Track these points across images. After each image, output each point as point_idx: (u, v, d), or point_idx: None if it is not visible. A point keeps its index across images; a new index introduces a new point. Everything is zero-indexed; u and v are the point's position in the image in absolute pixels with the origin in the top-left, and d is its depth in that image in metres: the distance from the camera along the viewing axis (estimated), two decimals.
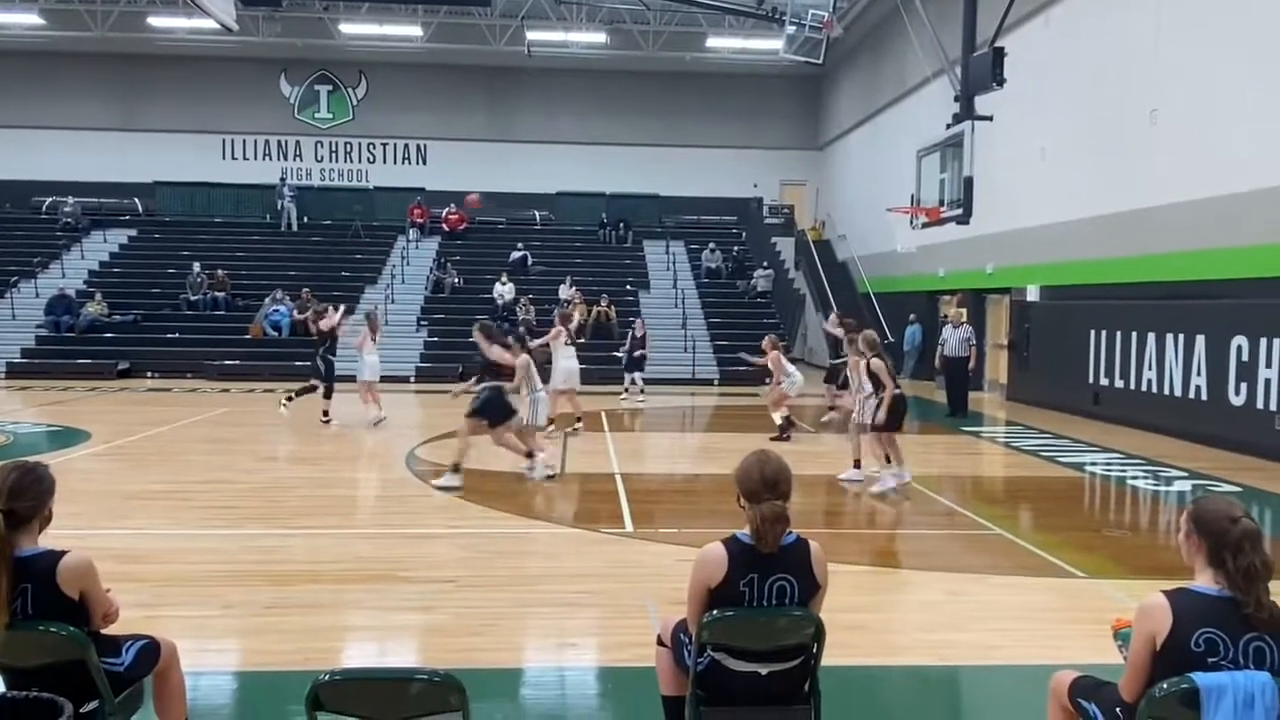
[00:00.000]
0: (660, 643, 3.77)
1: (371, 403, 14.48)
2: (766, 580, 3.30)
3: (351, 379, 14.72)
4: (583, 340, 24.13)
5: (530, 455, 10.14)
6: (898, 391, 9.72)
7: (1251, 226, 12.54)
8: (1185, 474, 11.09)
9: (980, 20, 14.75)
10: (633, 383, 19.02)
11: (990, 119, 14.41)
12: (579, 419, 14.03)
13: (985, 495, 10.59)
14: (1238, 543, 2.81)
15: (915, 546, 8.01)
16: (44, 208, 29.79)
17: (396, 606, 5.98)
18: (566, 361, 14.10)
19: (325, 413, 14.33)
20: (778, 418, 13.51)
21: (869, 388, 9.91)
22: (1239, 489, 10.13)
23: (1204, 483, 10.58)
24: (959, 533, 8.30)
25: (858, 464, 10.36)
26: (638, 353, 19.16)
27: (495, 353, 9.99)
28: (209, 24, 24.89)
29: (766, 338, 14.39)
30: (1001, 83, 13.80)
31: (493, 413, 9.88)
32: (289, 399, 14.64)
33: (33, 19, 28.22)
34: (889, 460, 9.89)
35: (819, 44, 21.88)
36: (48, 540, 3.34)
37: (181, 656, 3.72)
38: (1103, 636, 3.79)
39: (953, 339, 16.15)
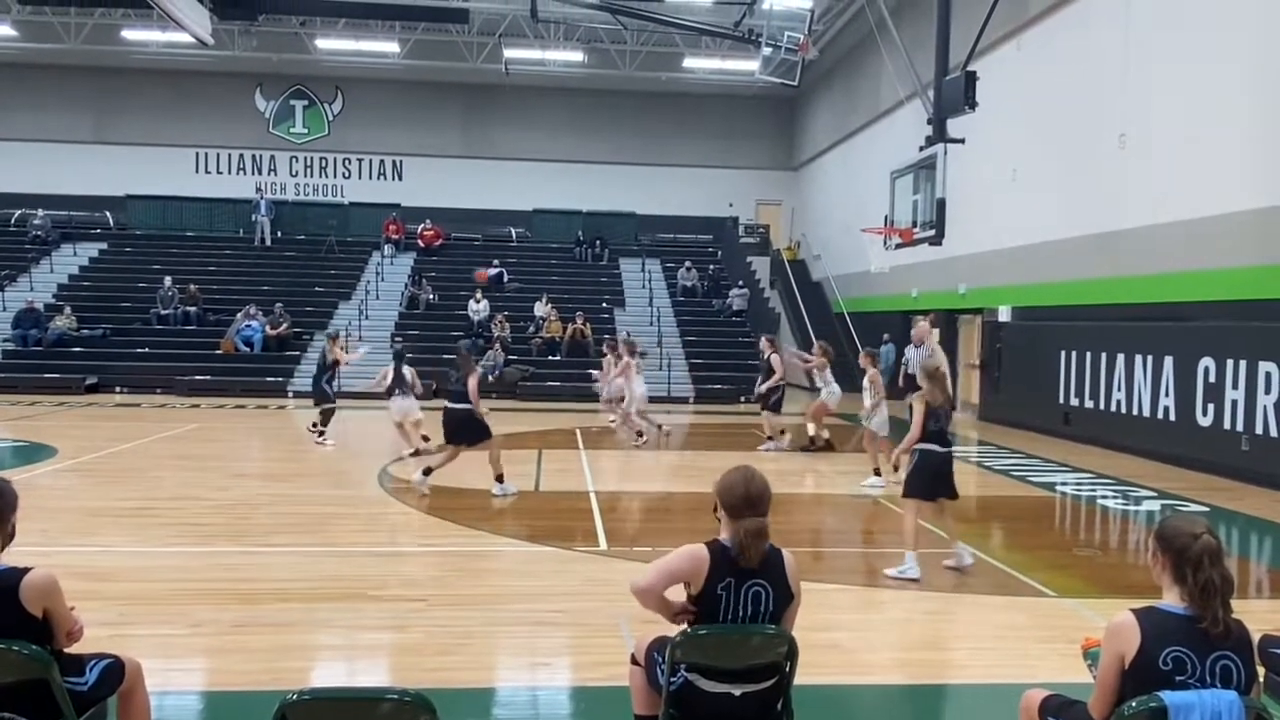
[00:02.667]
0: (634, 662, 3.75)
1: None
2: (743, 586, 3.33)
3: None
4: (558, 358, 24.20)
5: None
6: (925, 447, 7.38)
7: (1218, 250, 12.75)
8: (1154, 494, 11.21)
9: (953, 45, 14.94)
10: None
11: (962, 142, 14.58)
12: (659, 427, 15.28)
13: (957, 515, 10.59)
14: (1198, 558, 2.85)
15: (888, 565, 8.03)
16: (13, 220, 29.41)
17: (367, 625, 5.92)
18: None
19: (322, 432, 14.07)
20: (813, 428, 14.07)
21: (868, 401, 11.47)
22: (1207, 509, 10.24)
23: (1173, 503, 10.70)
24: (931, 552, 8.32)
25: (877, 471, 11.21)
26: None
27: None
28: (184, 37, 24.80)
29: (818, 344, 14.71)
30: (974, 106, 13.97)
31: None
32: (318, 430, 14.14)
33: (5, 30, 27.96)
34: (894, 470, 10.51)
35: (794, 66, 22.11)
36: (11, 557, 3.29)
37: (147, 676, 3.67)
38: (1073, 655, 3.82)
39: (915, 358, 16.14)
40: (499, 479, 10.21)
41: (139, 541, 8.05)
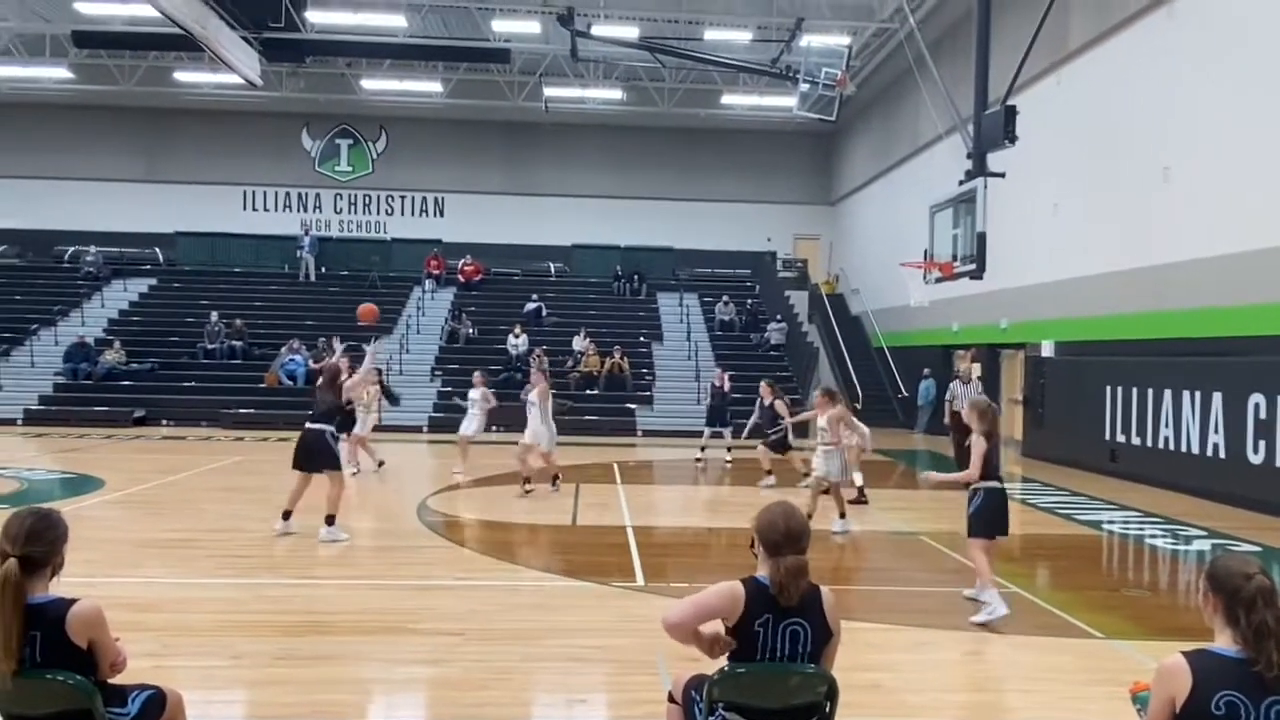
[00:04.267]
0: (671, 699, 3.72)
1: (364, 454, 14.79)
2: (780, 624, 3.29)
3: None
4: (596, 392, 24.25)
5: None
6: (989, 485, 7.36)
7: (1266, 283, 12.51)
8: (1204, 533, 10.94)
9: (992, 79, 14.92)
10: (717, 435, 17.67)
11: (1003, 175, 14.50)
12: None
13: (1002, 553, 10.40)
14: (1251, 599, 2.77)
15: (930, 604, 7.90)
16: (66, 257, 30.23)
17: (405, 659, 5.93)
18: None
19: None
20: (859, 478, 12.46)
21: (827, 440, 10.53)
22: (1259, 549, 9.98)
23: (1223, 542, 10.43)
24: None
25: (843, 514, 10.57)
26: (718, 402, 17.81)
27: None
28: (233, 79, 25.49)
29: (819, 390, 13.60)
30: (1013, 140, 13.92)
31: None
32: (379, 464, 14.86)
33: (62, 73, 28.90)
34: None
35: (832, 101, 22.18)
36: (59, 588, 3.34)
37: (188, 707, 3.70)
38: (1122, 699, 3.72)
39: (964, 395, 15.93)
40: (330, 520, 9.31)
41: (182, 573, 8.14)
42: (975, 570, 7.40)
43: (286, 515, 9.58)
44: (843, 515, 10.50)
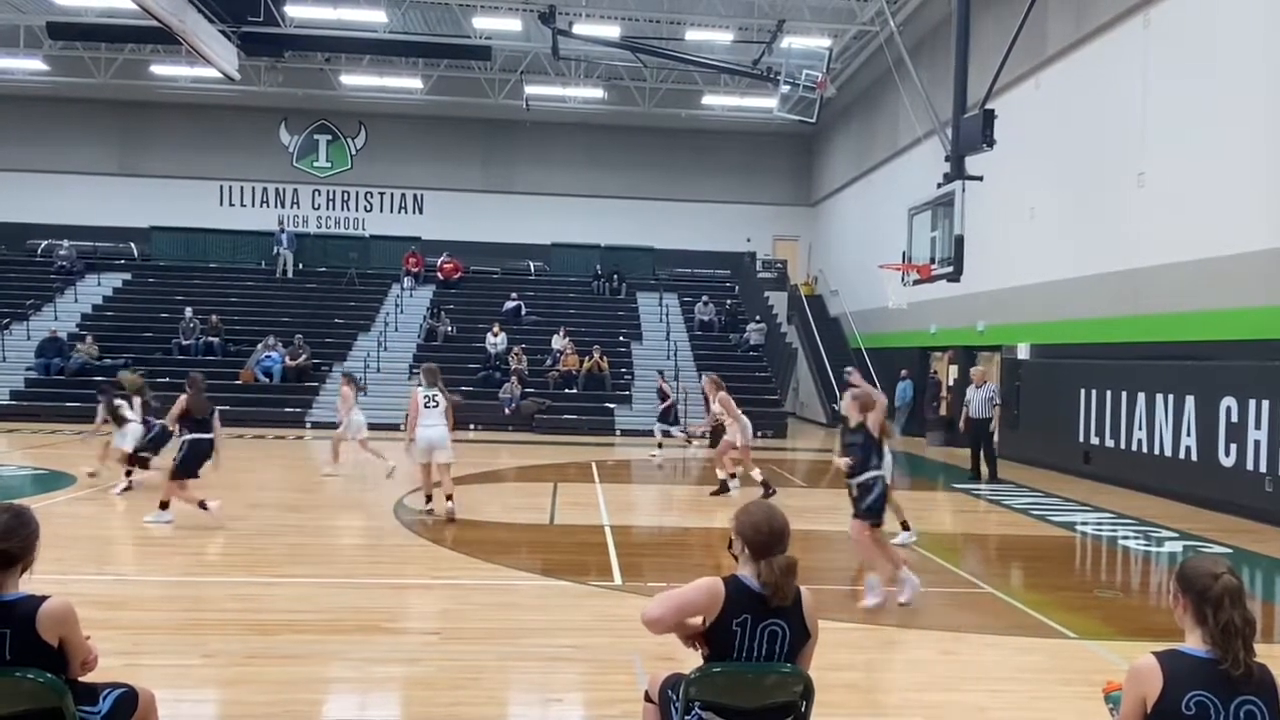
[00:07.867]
0: (647, 699, 3.72)
1: (372, 454, 14.17)
2: (759, 624, 3.29)
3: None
4: (575, 391, 24.22)
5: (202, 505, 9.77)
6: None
7: (1238, 289, 12.67)
8: (1176, 535, 11.06)
9: (971, 83, 15.00)
10: (666, 434, 18.21)
11: (981, 179, 14.58)
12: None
13: (976, 553, 10.54)
14: (1219, 598, 2.80)
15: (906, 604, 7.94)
16: (39, 250, 29.85)
17: (379, 658, 5.90)
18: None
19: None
20: (721, 473, 12.70)
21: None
22: (1230, 550, 10.10)
23: (1195, 544, 10.55)
24: (950, 591, 8.25)
25: (906, 525, 9.97)
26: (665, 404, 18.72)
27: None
28: (211, 73, 25.26)
29: (707, 376, 13.28)
30: (992, 144, 13.99)
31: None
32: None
33: (37, 64, 28.53)
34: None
35: (812, 103, 22.27)
36: (29, 585, 3.30)
37: (160, 706, 3.66)
38: (1094, 699, 3.76)
39: (976, 399, 15.87)
40: (163, 506, 9.78)
41: (155, 571, 8.06)
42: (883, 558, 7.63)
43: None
44: (905, 526, 9.94)
